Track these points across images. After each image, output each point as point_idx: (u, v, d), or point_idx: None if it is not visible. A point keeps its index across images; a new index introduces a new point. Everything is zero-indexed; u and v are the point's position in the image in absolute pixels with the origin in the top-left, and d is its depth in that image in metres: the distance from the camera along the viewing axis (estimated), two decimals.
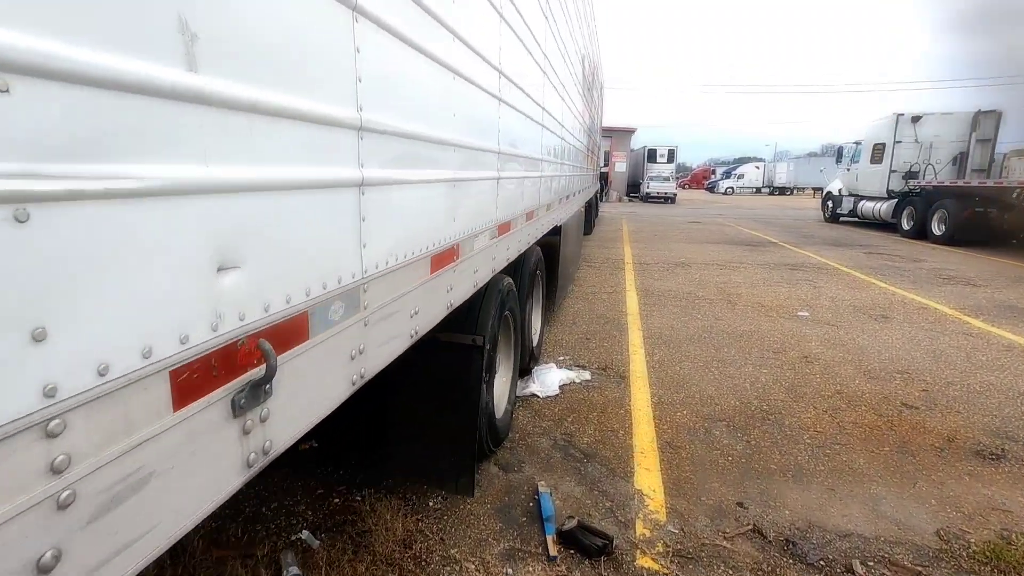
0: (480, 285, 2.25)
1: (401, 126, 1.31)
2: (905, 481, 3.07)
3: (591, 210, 13.76)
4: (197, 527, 2.28)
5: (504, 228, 2.66)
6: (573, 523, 2.53)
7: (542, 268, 4.83)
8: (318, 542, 2.39)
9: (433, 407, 2.58)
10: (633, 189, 36.59)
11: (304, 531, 2.46)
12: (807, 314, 6.64)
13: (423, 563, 2.35)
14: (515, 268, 3.99)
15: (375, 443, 2.84)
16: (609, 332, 5.73)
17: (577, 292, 7.52)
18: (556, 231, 5.42)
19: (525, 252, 4.03)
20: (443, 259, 1.70)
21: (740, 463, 3.22)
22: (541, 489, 2.87)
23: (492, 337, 2.86)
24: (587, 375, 4.47)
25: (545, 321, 5.18)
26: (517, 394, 4.07)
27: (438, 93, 1.61)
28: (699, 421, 3.75)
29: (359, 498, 2.75)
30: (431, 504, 2.73)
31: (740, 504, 2.82)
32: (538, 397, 4.06)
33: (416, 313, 1.49)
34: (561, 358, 4.90)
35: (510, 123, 2.61)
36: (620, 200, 33.78)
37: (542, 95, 3.58)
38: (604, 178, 32.10)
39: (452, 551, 2.42)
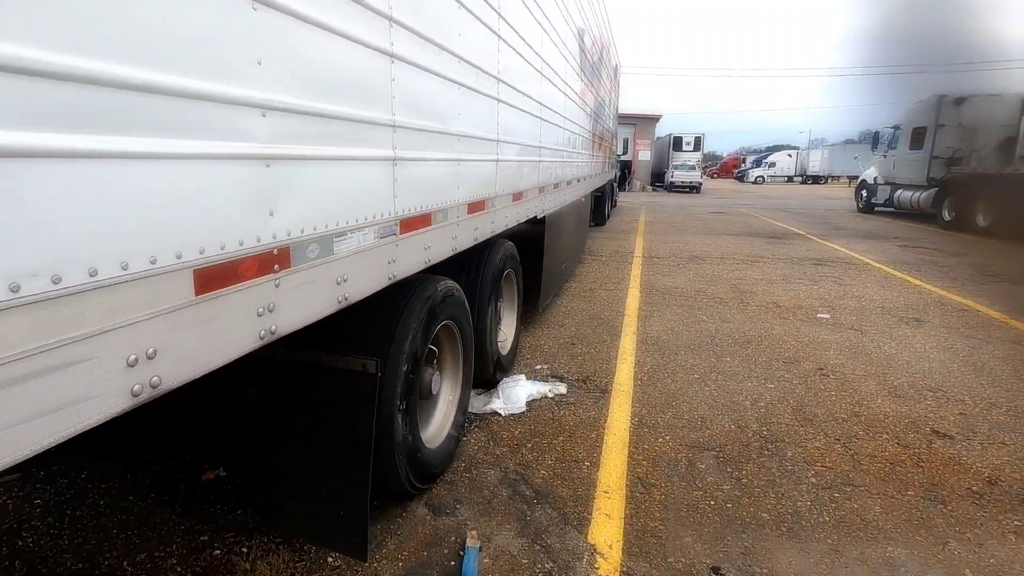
0: (355, 299, 1.72)
1: (78, 64, 0.78)
2: (932, 541, 2.44)
3: (604, 200, 13.10)
4: None
5: (416, 223, 2.12)
6: None
7: (516, 266, 4.28)
8: None
9: (318, 447, 2.07)
10: (658, 178, 35.50)
11: None
12: (828, 316, 5.93)
13: None
14: (465, 268, 3.46)
15: (268, 484, 2.35)
16: (599, 336, 5.15)
17: (574, 289, 6.94)
18: (540, 222, 4.86)
19: (482, 249, 3.49)
20: (237, 271, 1.18)
21: (725, 509, 2.64)
22: (469, 543, 2.34)
23: (411, 356, 2.34)
24: (563, 388, 3.92)
25: (521, 325, 4.64)
26: (477, 411, 3.55)
27: (210, 23, 1.08)
28: (683, 450, 3.16)
29: (244, 549, 2.28)
30: (330, 560, 2.24)
31: (715, 570, 2.25)
32: (500, 416, 3.53)
33: (149, 357, 0.98)
34: (539, 367, 4.36)
35: (417, 89, 2.06)
36: (644, 189, 32.81)
37: (496, 63, 3.01)
38: (627, 167, 31.18)
39: None
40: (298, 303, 1.42)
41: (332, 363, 1.98)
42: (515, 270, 4.23)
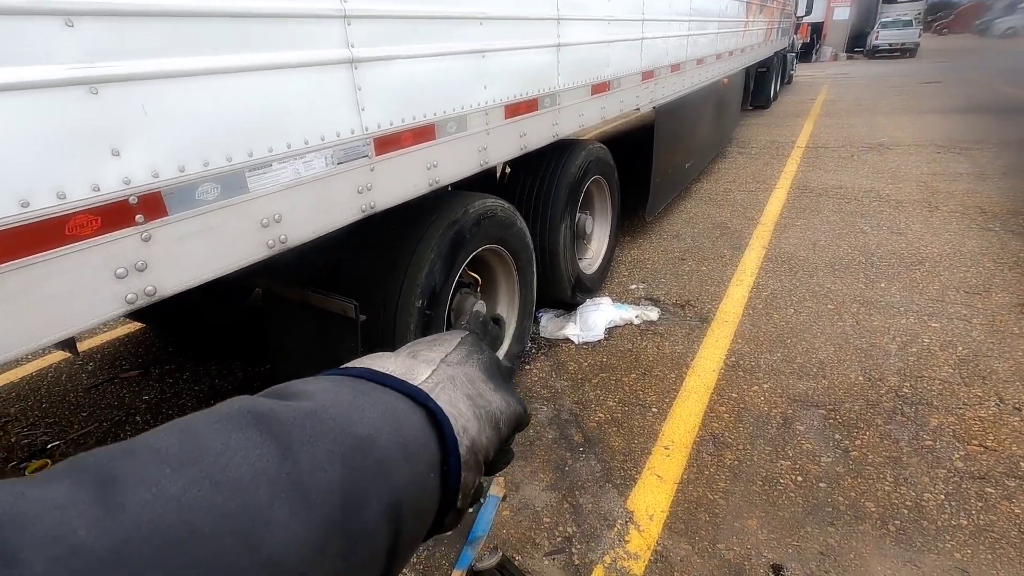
0: (299, 240, 1.46)
1: None
2: None
3: (769, 76, 10.98)
4: None
5: (403, 139, 1.75)
6: (492, 561, 1.83)
7: (608, 171, 3.69)
8: None
9: None
10: (859, 42, 28.99)
11: None
12: None
13: None
14: (527, 178, 3.04)
15: None
16: (718, 250, 4.40)
17: (704, 190, 6.00)
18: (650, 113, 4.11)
19: (549, 154, 3.02)
20: (59, 232, 0.99)
21: (815, 489, 2.10)
22: (492, 491, 2.18)
23: (428, 290, 2.09)
24: (654, 314, 3.43)
25: (617, 239, 4.10)
26: (549, 336, 3.29)
27: None
28: (781, 404, 2.58)
29: None
30: None
31: (776, 570, 1.81)
32: (572, 343, 3.21)
33: None
34: (633, 286, 3.87)
35: None
36: (835, 58, 27.18)
37: None
38: (815, 31, 25.85)
39: None
40: (188, 255, 1.20)
41: (317, 303, 1.81)
42: (605, 176, 3.65)
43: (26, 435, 2.70)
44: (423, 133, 1.83)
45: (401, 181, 1.79)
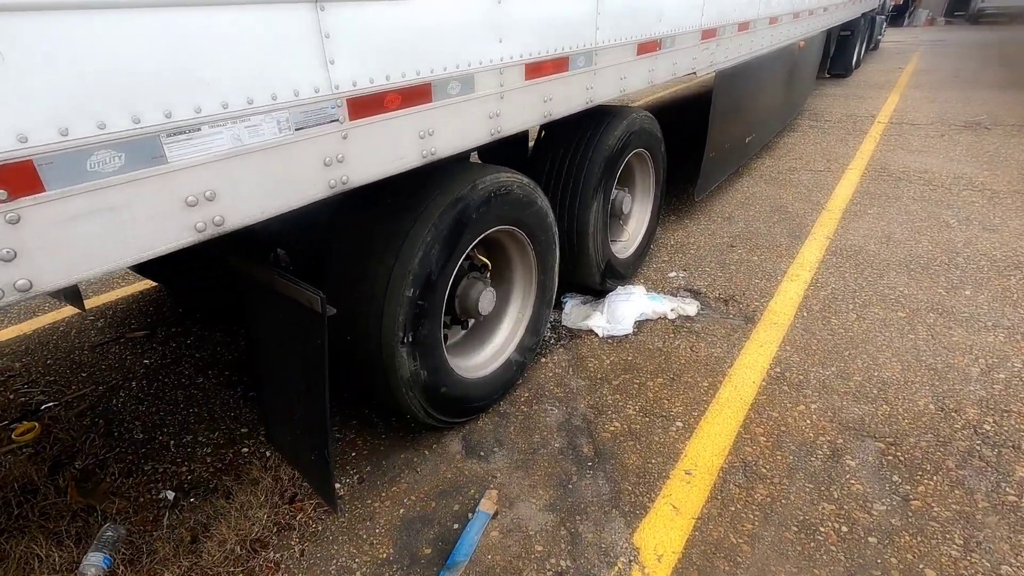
0: (240, 222, 1.21)
1: None
2: None
3: (852, 40, 9.89)
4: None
5: (387, 101, 1.45)
6: None
7: (653, 144, 3.26)
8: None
9: (285, 377, 1.77)
10: (960, 5, 26.05)
11: (169, 492, 2.03)
12: None
13: None
14: (556, 151, 2.70)
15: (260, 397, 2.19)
16: (774, 237, 3.92)
17: (765, 167, 5.43)
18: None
19: (584, 123, 2.65)
20: None
21: (863, 544, 1.76)
22: (482, 506, 1.94)
23: (423, 278, 1.82)
24: (691, 309, 3.06)
25: (658, 219, 3.69)
26: (571, 325, 2.99)
27: None
28: (830, 430, 2.21)
29: (268, 453, 2.21)
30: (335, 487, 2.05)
31: None
32: (596, 336, 2.90)
33: None
34: (672, 274, 3.49)
35: None
36: (931, 22, 24.53)
37: None
38: None
39: None
40: (80, 241, 0.97)
41: (283, 290, 1.57)
42: (650, 149, 3.23)
43: (24, 392, 2.65)
44: (415, 94, 1.53)
45: (384, 152, 1.50)
